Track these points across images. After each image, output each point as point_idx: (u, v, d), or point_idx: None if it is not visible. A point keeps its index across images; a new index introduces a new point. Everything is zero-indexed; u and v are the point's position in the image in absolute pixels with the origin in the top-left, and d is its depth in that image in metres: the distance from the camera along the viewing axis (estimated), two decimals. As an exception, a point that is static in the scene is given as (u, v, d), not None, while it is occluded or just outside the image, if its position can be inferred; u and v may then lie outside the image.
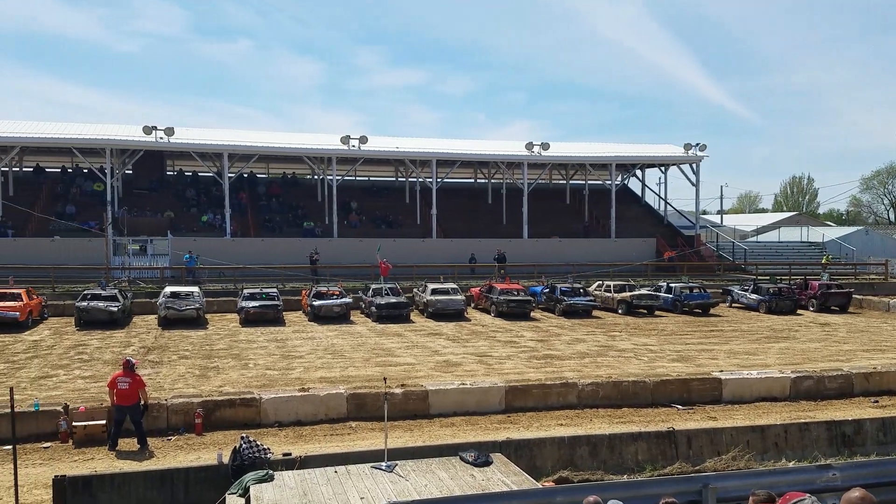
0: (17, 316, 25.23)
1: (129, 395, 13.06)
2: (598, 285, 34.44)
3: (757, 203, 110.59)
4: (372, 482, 10.02)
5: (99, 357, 20.66)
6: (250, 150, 42.42)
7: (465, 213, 47.55)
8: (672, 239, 48.67)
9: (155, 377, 17.66)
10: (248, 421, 14.61)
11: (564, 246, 44.45)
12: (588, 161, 48.81)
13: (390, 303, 28.83)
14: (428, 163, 44.96)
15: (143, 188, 45.33)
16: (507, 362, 20.45)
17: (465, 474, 10.43)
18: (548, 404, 16.28)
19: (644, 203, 55.60)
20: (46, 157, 46.33)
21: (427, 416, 15.40)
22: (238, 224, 42.34)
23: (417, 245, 41.98)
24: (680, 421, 15.31)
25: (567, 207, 52.61)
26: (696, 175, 48.85)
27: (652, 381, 17.17)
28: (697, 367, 19.78)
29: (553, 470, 12.12)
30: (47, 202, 42.08)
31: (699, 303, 32.41)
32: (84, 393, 16.07)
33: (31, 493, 10.84)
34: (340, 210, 43.46)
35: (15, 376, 17.82)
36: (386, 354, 21.54)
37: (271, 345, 23.04)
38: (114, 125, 43.29)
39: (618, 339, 25.12)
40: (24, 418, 13.24)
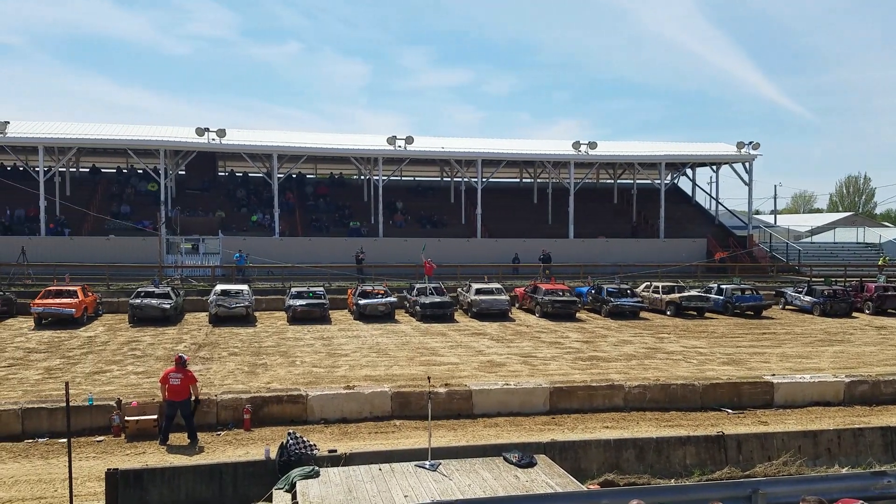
0: (73, 312, 26.03)
1: (180, 391, 13.36)
2: (645, 286, 33.94)
3: (812, 203, 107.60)
4: (416, 480, 10.05)
5: (151, 353, 21.18)
6: (299, 151, 43.00)
7: (510, 213, 47.36)
8: (723, 239, 47.67)
9: (205, 373, 18.02)
10: (295, 417, 14.82)
11: (611, 246, 43.93)
12: (637, 160, 48.13)
13: (434, 302, 28.89)
14: (473, 162, 44.91)
15: (195, 188, 46.33)
16: (552, 363, 20.30)
17: (509, 475, 10.38)
18: (593, 406, 16.12)
19: (695, 203, 54.59)
20: (102, 157, 47.69)
21: (471, 416, 15.39)
22: (286, 224, 42.96)
23: (462, 245, 41.97)
24: (730, 425, 14.99)
25: (614, 207, 51.96)
26: (749, 174, 47.76)
27: (701, 385, 16.86)
28: (748, 371, 19.35)
29: (598, 473, 11.97)
30: (103, 202, 43.32)
31: (751, 305, 31.68)
32: (137, 388, 16.49)
33: (84, 485, 11.17)
34: (386, 210, 43.72)
35: (70, 371, 18.40)
36: (430, 354, 21.59)
37: (318, 343, 23.32)
38: (167, 127, 44.33)
39: (666, 341, 24.71)
40: (79, 412, 13.67)
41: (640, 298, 31.91)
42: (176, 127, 43.87)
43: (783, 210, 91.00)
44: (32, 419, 13.79)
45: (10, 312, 27.94)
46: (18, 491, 11.10)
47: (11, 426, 13.66)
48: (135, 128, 43.42)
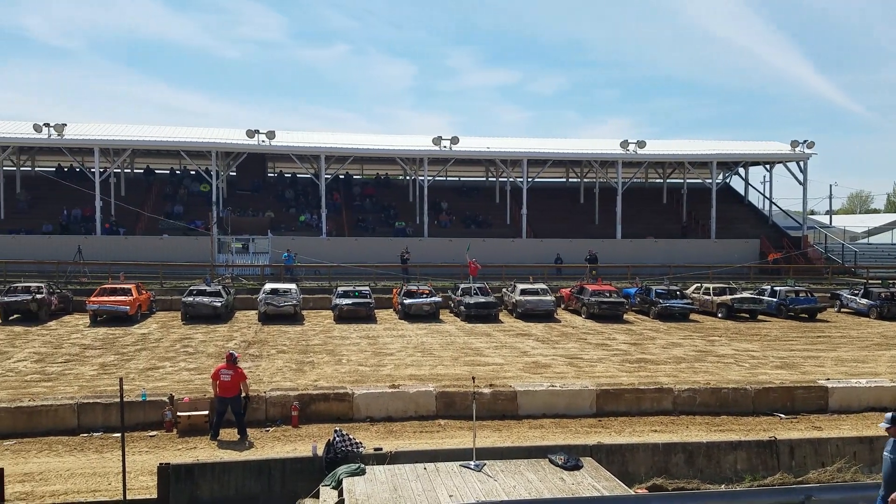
0: (128, 310, 26.71)
1: (231, 387, 13.59)
2: (696, 288, 33.27)
3: (868, 203, 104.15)
4: (461, 480, 10.03)
5: (203, 350, 21.62)
6: (346, 152, 43.43)
7: (556, 213, 47.01)
8: (777, 240, 46.50)
9: (255, 370, 18.32)
10: (341, 415, 14.96)
11: (660, 247, 43.24)
12: (687, 159, 47.31)
13: (479, 302, 28.82)
14: (519, 162, 44.71)
15: (245, 189, 47.19)
16: (599, 365, 20.07)
17: (555, 477, 10.29)
18: (641, 409, 15.88)
19: (747, 203, 53.33)
20: (156, 159, 48.93)
21: (515, 417, 15.31)
22: (333, 224, 43.42)
23: (507, 245, 41.82)
24: (782, 430, 14.62)
25: (663, 207, 51.13)
26: (804, 173, 46.48)
27: (753, 389, 16.47)
28: (802, 375, 18.83)
29: (646, 477, 11.80)
30: (156, 202, 44.45)
31: (805, 307, 30.85)
32: (188, 384, 16.84)
33: (137, 479, 11.44)
34: (431, 210, 43.84)
35: (124, 367, 18.90)
36: (474, 354, 21.56)
37: (363, 342, 23.49)
38: (219, 129, 45.25)
39: (717, 344, 24.21)
40: (132, 408, 14.02)
41: (690, 300, 31.31)
42: (227, 129, 44.77)
43: (839, 210, 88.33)
44: (88, 414, 14.18)
45: (66, 310, 28.81)
46: (74, 484, 11.43)
47: (68, 420, 14.07)
48: (187, 130, 44.47)
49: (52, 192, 42.50)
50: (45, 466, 12.15)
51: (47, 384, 16.82)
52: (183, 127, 45.58)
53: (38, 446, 13.18)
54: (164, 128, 44.83)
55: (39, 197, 43.34)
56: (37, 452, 12.89)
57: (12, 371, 18.26)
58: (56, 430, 13.86)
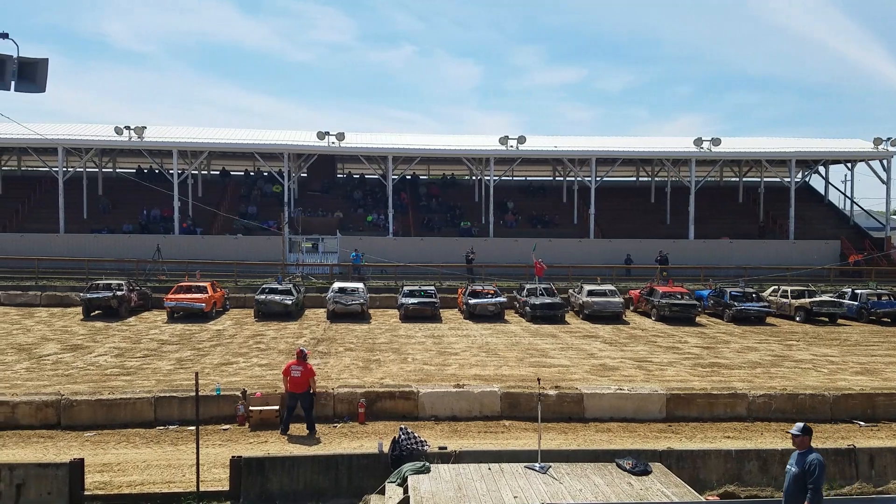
0: (203, 307, 27.60)
1: (301, 383, 13.88)
2: (773, 290, 32.13)
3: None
4: (525, 482, 9.97)
5: (274, 347, 22.14)
6: (412, 153, 43.77)
7: (625, 213, 46.20)
8: (859, 241, 44.50)
9: (323, 367, 18.65)
10: (407, 413, 15.08)
11: (735, 247, 41.97)
12: (764, 157, 45.77)
13: (545, 303, 28.55)
14: (586, 161, 44.12)
15: (315, 190, 48.16)
16: (669, 369, 19.60)
17: (622, 482, 10.11)
18: (713, 415, 15.48)
19: (827, 202, 51.22)
20: (231, 161, 50.43)
21: (581, 420, 15.12)
22: (400, 224, 43.84)
23: (573, 245, 41.33)
24: (862, 438, 14.00)
25: (739, 207, 49.57)
26: (887, 172, 44.33)
27: (832, 395, 15.84)
28: (884, 382, 17.98)
29: (718, 484, 11.48)
30: (231, 203, 45.79)
31: (888, 311, 29.46)
32: (260, 380, 17.27)
33: (210, 471, 11.79)
34: (497, 210, 43.71)
35: (200, 362, 19.52)
36: (540, 355, 21.39)
37: (428, 341, 23.61)
38: (290, 131, 46.26)
39: (794, 348, 23.34)
40: (207, 402, 14.47)
41: (767, 303, 30.22)
42: (298, 131, 45.73)
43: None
44: (164, 407, 14.73)
45: (145, 306, 29.96)
46: (150, 475, 11.86)
47: (145, 413, 14.63)
48: (260, 132, 45.62)
49: (132, 192, 44.28)
50: (123, 458, 12.66)
51: (126, 378, 17.52)
52: (256, 129, 46.82)
53: (116, 438, 13.75)
54: (238, 130, 46.15)
55: (120, 198, 45.26)
56: (115, 444, 13.44)
57: (93, 365, 19.10)
58: (134, 422, 14.42)
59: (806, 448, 7.85)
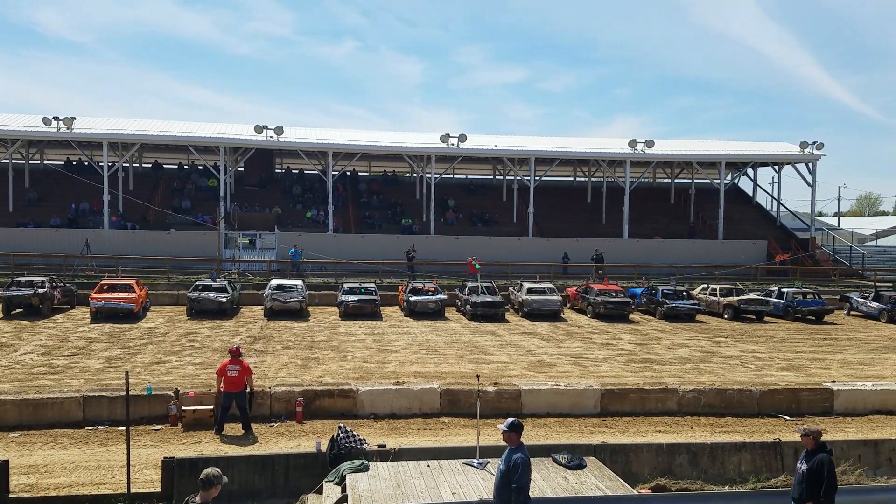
0: (134, 307, 26.26)
1: (237, 382, 13.64)
2: (702, 288, 33.21)
3: (877, 205, 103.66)
4: (464, 478, 10.03)
5: (209, 345, 21.68)
6: (353, 149, 43.47)
7: (563, 212, 46.94)
8: (785, 242, 46.32)
9: (260, 366, 18.35)
10: (346, 411, 15.00)
11: (667, 247, 43.14)
12: (695, 159, 47.13)
13: (486, 301, 28.71)
14: (526, 161, 44.65)
15: (253, 185, 47.29)
16: (604, 365, 20.03)
17: (558, 476, 10.28)
18: (646, 410, 15.88)
19: (755, 203, 53.16)
20: (164, 154, 49.09)
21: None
22: (340, 220, 43.46)
23: (513, 243, 41.81)
24: (787, 432, 14.55)
25: (671, 207, 50.99)
26: (813, 175, 46.27)
27: (758, 391, 16.45)
28: (808, 377, 18.77)
29: (650, 477, 11.78)
30: (164, 197, 44.59)
31: (813, 309, 30.77)
32: (194, 379, 16.89)
33: (141, 472, 11.49)
34: (438, 208, 43.82)
35: (131, 361, 18.96)
36: (479, 352, 21.55)
37: (368, 338, 23.51)
38: (227, 124, 45.36)
39: (723, 345, 24.14)
40: (138, 401, 14.08)
41: (697, 301, 31.23)
42: (235, 124, 44.93)
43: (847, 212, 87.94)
44: (93, 407, 14.27)
45: (70, 304, 28.71)
46: (78, 476, 11.48)
47: (73, 413, 14.15)
48: (196, 125, 44.54)
49: (60, 185, 42.73)
50: (50, 459, 12.21)
51: (53, 377, 16.90)
52: (191, 122, 45.75)
53: (43, 439, 13.26)
54: (172, 122, 44.97)
55: (48, 190, 43.54)
56: (42, 445, 12.96)
57: (19, 363, 18.34)
58: (61, 422, 13.94)
59: (515, 445, 7.79)
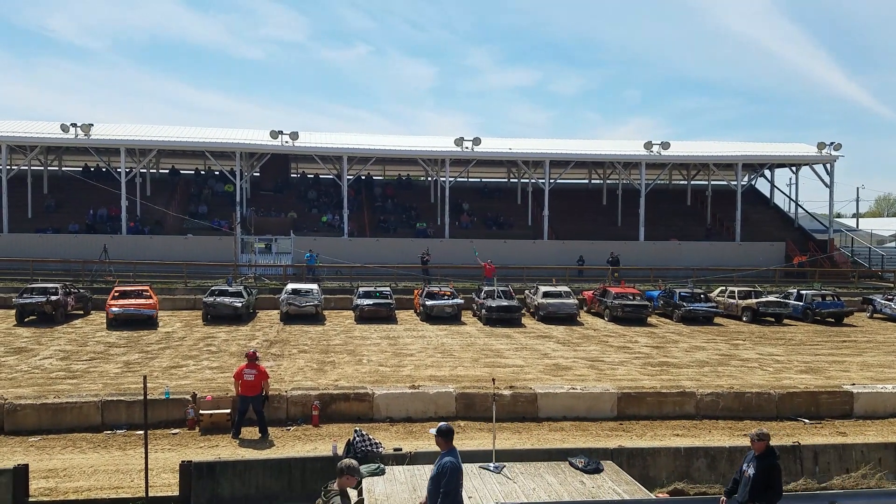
0: (154, 314, 26.46)
1: (254, 386, 13.69)
2: (720, 291, 32.86)
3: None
4: (480, 482, 10.01)
5: (226, 349, 21.79)
6: (368, 153, 43.60)
7: (578, 215, 46.79)
8: (803, 243, 45.90)
9: (276, 369, 18.42)
10: (361, 415, 15.02)
11: (683, 249, 42.86)
12: (712, 160, 46.80)
13: (502, 306, 28.51)
14: (541, 163, 44.57)
15: (268, 190, 47.56)
16: (620, 368, 19.93)
17: (575, 480, 10.24)
18: (663, 413, 15.78)
19: (773, 205, 52.72)
20: (181, 159, 49.46)
21: (535, 419, 15.26)
22: (355, 224, 43.59)
23: (528, 246, 41.73)
24: (806, 435, 14.43)
25: (687, 209, 50.69)
26: (830, 176, 45.83)
27: (777, 394, 16.30)
28: (827, 380, 18.55)
29: (668, 481, 11.70)
30: (181, 202, 44.91)
31: (832, 311, 30.36)
32: (211, 383, 16.99)
33: (159, 476, 11.56)
34: (452, 211, 43.84)
35: (148, 366, 19.11)
36: (495, 356, 21.51)
37: (384, 342, 23.54)
38: (243, 130, 45.62)
39: (741, 347, 23.94)
40: (156, 405, 14.18)
41: (715, 303, 30.90)
42: (251, 130, 45.14)
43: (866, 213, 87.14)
44: (111, 411, 14.38)
45: (85, 310, 28.72)
46: (97, 480, 11.57)
47: (92, 418, 14.27)
48: (212, 130, 44.88)
49: (78, 191, 43.16)
50: (69, 463, 12.32)
51: (72, 381, 17.05)
52: (207, 128, 46.04)
53: (62, 443, 13.39)
54: (188, 128, 45.30)
55: (66, 197, 44.01)
56: (61, 449, 13.08)
57: (38, 368, 18.54)
58: (80, 427, 14.07)
59: (446, 449, 7.74)
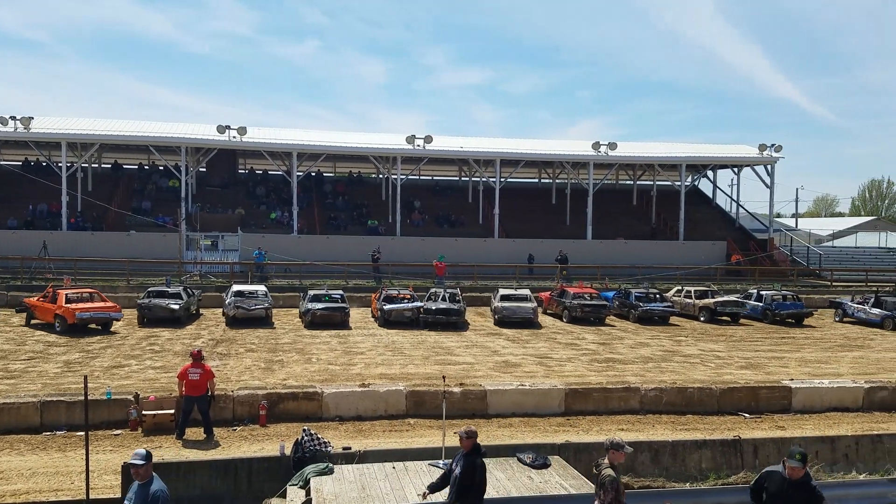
0: (121, 316, 24.94)
1: (199, 386, 13.45)
2: (676, 291, 32.58)
3: (833, 207, 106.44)
4: (429, 479, 9.99)
5: (169, 348, 21.33)
6: (318, 150, 43.18)
7: (528, 214, 47.23)
8: (744, 242, 47.23)
9: (222, 369, 18.12)
10: (310, 414, 14.89)
11: (629, 248, 43.65)
12: (657, 161, 47.79)
13: (440, 308, 26.66)
14: (492, 162, 44.84)
15: (215, 185, 46.68)
16: (568, 364, 20.21)
17: (523, 476, 10.35)
18: (609, 408, 16.05)
19: (715, 205, 54.12)
20: (124, 154, 48.22)
21: (485, 416, 15.37)
22: (305, 221, 43.13)
23: (479, 245, 41.93)
24: (747, 429, 14.87)
25: (633, 209, 51.66)
26: (771, 177, 47.26)
27: (718, 389, 16.73)
28: (767, 375, 19.16)
29: (613, 475, 11.90)
30: (124, 198, 43.78)
31: (791, 313, 29.87)
32: (154, 383, 16.62)
33: (101, 478, 11.27)
34: (404, 209, 43.77)
35: (89, 365, 18.59)
36: (445, 353, 21.58)
37: (334, 340, 23.36)
38: (189, 124, 44.71)
39: (683, 344, 24.51)
40: (97, 406, 13.81)
41: (671, 303, 30.44)
42: (197, 124, 44.29)
43: (805, 213, 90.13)
44: (51, 412, 13.95)
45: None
46: (36, 483, 11.22)
47: (30, 419, 13.82)
48: (156, 125, 43.82)
49: (17, 186, 41.65)
50: (7, 465, 11.91)
51: (10, 381, 16.48)
52: (152, 122, 44.96)
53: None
54: (132, 122, 44.16)
55: (5, 191, 42.42)
56: (-3, 451, 12.63)
57: (-27, 369, 17.86)
58: (18, 428, 13.62)
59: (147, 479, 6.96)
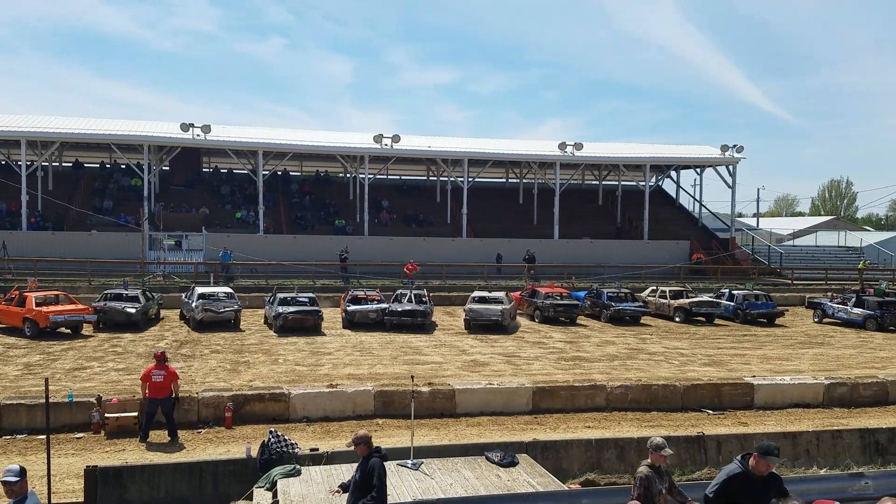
0: (96, 318, 24.19)
1: (163, 388, 13.26)
2: (651, 291, 32.46)
3: (794, 206, 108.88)
4: (398, 479, 10.04)
5: (132, 350, 20.99)
6: (284, 148, 42.80)
7: (496, 213, 47.43)
8: (706, 242, 47.97)
9: (187, 371, 17.89)
10: (277, 416, 14.77)
11: (595, 247, 44.06)
12: (622, 162, 48.31)
13: (406, 310, 26.03)
14: (460, 162, 44.91)
15: (179, 184, 45.99)
16: (535, 363, 20.35)
17: (491, 474, 10.41)
18: (575, 406, 16.20)
19: (678, 205, 54.90)
20: (85, 152, 47.26)
21: (453, 416, 15.41)
22: (271, 221, 42.71)
23: (447, 244, 41.97)
24: (710, 426, 15.11)
25: (599, 208, 52.17)
26: (733, 177, 48.08)
27: (682, 385, 16.99)
28: (729, 372, 19.50)
29: (580, 472, 12.04)
30: (85, 197, 42.90)
31: (763, 312, 30.00)
32: (117, 385, 16.34)
33: (63, 482, 11.07)
34: (372, 208, 43.62)
35: (50, 367, 18.22)
36: (414, 353, 21.57)
37: (301, 341, 23.18)
38: (152, 122, 43.94)
39: (648, 342, 24.83)
40: (58, 409, 13.53)
41: (644, 303, 30.51)
42: (160, 122, 43.53)
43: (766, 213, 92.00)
44: (11, 415, 13.65)
45: None
46: (-5, 488, 10.95)
47: (-11, 422, 13.49)
48: (118, 122, 43.01)
49: (-28, 184, 40.60)
50: (-37, 471, 11.60)
51: (-35, 386, 16.08)
52: (114, 120, 44.08)
53: (-45, 450, 12.60)
54: (94, 120, 43.27)
55: (-41, 190, 41.34)
56: (-47, 457, 12.30)
57: (-73, 372, 17.38)
58: (-24, 432, 13.29)
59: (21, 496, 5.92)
